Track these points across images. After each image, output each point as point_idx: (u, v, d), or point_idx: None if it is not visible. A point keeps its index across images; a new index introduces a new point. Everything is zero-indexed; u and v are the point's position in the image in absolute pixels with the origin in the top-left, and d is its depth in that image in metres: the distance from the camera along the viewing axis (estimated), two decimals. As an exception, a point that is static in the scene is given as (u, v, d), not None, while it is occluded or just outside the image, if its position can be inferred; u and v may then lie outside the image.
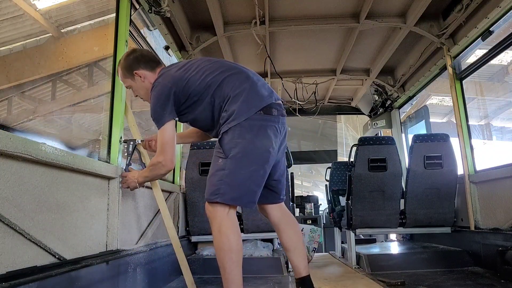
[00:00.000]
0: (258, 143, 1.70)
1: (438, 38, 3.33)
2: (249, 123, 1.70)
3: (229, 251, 1.65)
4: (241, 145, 1.68)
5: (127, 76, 1.93)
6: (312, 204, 6.95)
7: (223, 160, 1.69)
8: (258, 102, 1.74)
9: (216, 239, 1.68)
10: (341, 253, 4.25)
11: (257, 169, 1.71)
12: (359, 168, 3.24)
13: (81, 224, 1.67)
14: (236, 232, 1.69)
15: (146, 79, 1.91)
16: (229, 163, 1.68)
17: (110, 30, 2.26)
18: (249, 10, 3.14)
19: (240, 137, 1.68)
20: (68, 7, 4.71)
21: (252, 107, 1.71)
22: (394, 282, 2.47)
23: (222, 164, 1.69)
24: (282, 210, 2.00)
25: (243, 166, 1.68)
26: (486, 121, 8.72)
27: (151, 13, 2.55)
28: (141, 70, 1.90)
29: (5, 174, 1.22)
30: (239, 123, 1.69)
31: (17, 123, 6.16)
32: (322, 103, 5.27)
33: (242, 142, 1.68)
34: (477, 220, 3.02)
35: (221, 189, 1.66)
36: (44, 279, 1.31)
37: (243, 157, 1.68)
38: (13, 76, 5.25)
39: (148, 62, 1.93)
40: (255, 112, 1.71)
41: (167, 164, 1.82)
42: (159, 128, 1.80)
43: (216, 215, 1.68)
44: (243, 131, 1.69)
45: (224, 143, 1.71)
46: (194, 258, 3.13)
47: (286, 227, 1.95)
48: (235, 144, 1.68)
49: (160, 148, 1.81)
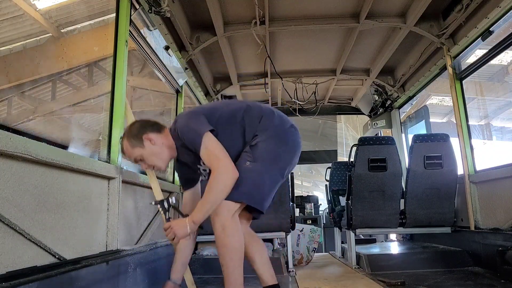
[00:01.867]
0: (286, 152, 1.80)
1: (438, 38, 3.33)
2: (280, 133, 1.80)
3: (232, 249, 1.66)
4: (273, 152, 1.75)
5: (135, 145, 1.81)
6: (312, 204, 6.96)
7: (252, 163, 1.71)
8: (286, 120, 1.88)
9: (220, 237, 1.67)
10: (341, 253, 4.25)
11: (279, 176, 1.80)
12: (359, 168, 3.24)
13: (81, 224, 1.67)
14: (239, 231, 1.71)
15: (156, 141, 1.82)
16: (258, 166, 1.71)
17: (110, 30, 2.26)
18: (249, 10, 3.14)
19: (273, 145, 1.76)
20: (68, 7, 4.71)
21: (285, 123, 1.85)
22: (394, 282, 2.47)
23: (250, 167, 1.71)
24: (247, 226, 2.01)
25: (272, 171, 1.75)
26: (486, 121, 8.72)
27: (151, 13, 2.55)
28: (149, 134, 1.82)
29: (5, 174, 1.22)
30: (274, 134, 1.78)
31: (17, 123, 6.16)
32: (322, 103, 5.27)
33: (274, 150, 1.75)
34: (477, 220, 3.02)
35: (248, 190, 1.68)
36: (44, 279, 1.31)
37: (272, 163, 1.74)
38: (13, 76, 5.25)
39: (154, 125, 1.87)
40: (289, 126, 1.84)
41: (229, 171, 1.64)
42: (200, 146, 1.67)
43: (221, 213, 1.66)
44: (277, 140, 1.77)
45: (256, 147, 1.75)
46: (194, 258, 3.13)
47: (252, 241, 1.95)
48: (270, 150, 1.75)
49: (214, 162, 1.66)
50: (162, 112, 7.98)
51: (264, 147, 1.74)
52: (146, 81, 6.36)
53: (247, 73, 4.42)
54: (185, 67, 3.56)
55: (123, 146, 1.86)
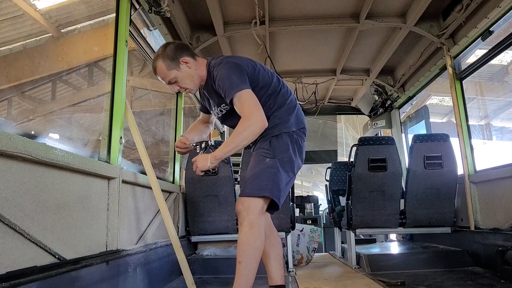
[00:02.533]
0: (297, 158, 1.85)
1: (438, 38, 3.33)
2: (296, 136, 1.86)
3: (254, 249, 1.67)
4: (289, 153, 1.81)
5: (171, 66, 1.82)
6: (312, 204, 6.96)
7: (271, 160, 1.77)
8: (303, 120, 1.93)
9: (246, 234, 1.67)
10: (341, 253, 4.25)
11: (292, 177, 1.85)
12: (359, 168, 3.24)
13: (81, 224, 1.67)
14: (263, 233, 1.73)
15: (191, 65, 1.86)
16: (277, 163, 1.76)
17: (110, 30, 2.26)
18: (249, 10, 3.14)
19: (290, 146, 1.82)
20: (68, 7, 4.71)
21: (300, 122, 1.90)
22: (394, 282, 2.47)
23: (271, 163, 1.76)
24: (269, 220, 2.04)
25: (286, 170, 1.79)
26: (486, 121, 8.72)
27: (151, 13, 2.55)
28: (186, 57, 1.85)
29: (5, 174, 1.22)
30: (290, 133, 1.83)
31: (17, 123, 6.16)
32: (322, 103, 5.27)
33: (290, 151, 1.81)
34: (477, 220, 3.02)
35: (269, 185, 1.71)
36: (44, 279, 1.31)
37: (288, 162, 1.80)
38: (13, 76, 5.25)
39: (189, 50, 1.91)
40: (300, 128, 1.89)
41: (260, 120, 1.68)
42: (234, 94, 1.69)
43: (252, 211, 1.69)
44: (293, 143, 1.84)
45: (275, 145, 1.81)
46: (194, 258, 3.13)
47: (271, 235, 1.98)
48: (286, 149, 1.80)
49: (247, 110, 1.68)
50: (162, 112, 7.99)
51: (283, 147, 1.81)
52: (146, 81, 6.36)
53: (247, 73, 4.42)
54: (185, 67, 3.56)
55: (157, 67, 1.85)
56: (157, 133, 8.96)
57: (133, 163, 2.68)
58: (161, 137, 8.82)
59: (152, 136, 9.04)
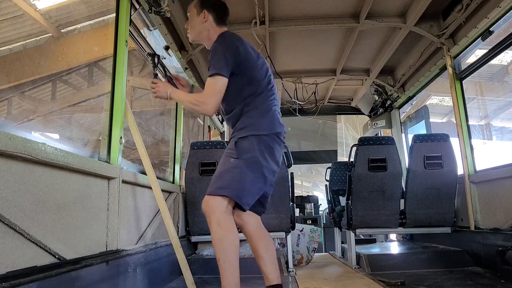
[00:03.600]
0: (267, 161, 1.83)
1: (438, 38, 3.33)
2: (266, 139, 1.84)
3: (228, 243, 1.71)
4: (255, 154, 1.80)
5: (196, 7, 1.98)
6: (312, 204, 6.96)
7: (235, 160, 1.80)
8: (278, 125, 1.91)
9: (216, 232, 1.73)
10: (341, 253, 4.25)
11: (260, 179, 1.83)
12: (359, 168, 3.24)
13: (81, 224, 1.67)
14: (235, 227, 1.77)
15: (207, 24, 1.97)
16: (241, 164, 1.78)
17: (110, 30, 2.26)
18: (249, 10, 3.14)
19: (257, 147, 1.81)
20: (68, 7, 4.71)
21: (273, 127, 1.88)
22: (394, 282, 2.47)
23: (234, 163, 1.79)
24: (259, 222, 2.04)
25: (252, 171, 1.79)
26: (486, 121, 8.72)
27: (151, 13, 2.55)
28: (209, 15, 1.96)
29: (5, 174, 1.22)
30: (259, 136, 1.83)
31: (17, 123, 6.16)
32: (322, 103, 5.27)
33: (257, 153, 1.81)
34: (477, 220, 3.02)
35: (231, 185, 1.75)
36: (44, 279, 1.31)
37: (254, 163, 1.80)
38: (13, 76, 5.25)
39: (219, 14, 2.00)
40: (273, 133, 1.87)
41: (210, 108, 1.82)
42: (213, 74, 1.79)
43: (216, 209, 1.74)
44: (261, 145, 1.82)
45: (240, 146, 1.83)
46: (194, 258, 3.13)
47: (262, 236, 1.98)
48: (250, 150, 1.81)
49: (210, 91, 1.80)
50: (162, 112, 7.99)
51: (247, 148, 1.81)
52: (146, 81, 6.36)
53: (247, 73, 4.42)
54: (185, 67, 3.56)
55: (193, 2, 2.02)
56: (157, 133, 8.96)
57: (133, 163, 2.68)
58: (161, 137, 8.82)
59: (152, 136, 9.04)
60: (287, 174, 3.19)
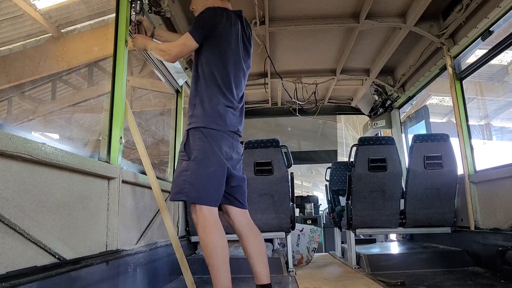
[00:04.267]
0: (215, 148, 1.84)
1: (438, 38, 3.33)
2: (209, 131, 1.85)
3: (214, 247, 1.74)
4: (201, 148, 1.82)
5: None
6: (312, 204, 6.96)
7: (186, 162, 1.83)
8: (229, 125, 1.90)
9: (202, 238, 1.77)
10: (341, 253, 4.25)
11: (216, 169, 1.84)
12: (359, 168, 3.24)
13: (81, 224, 1.67)
14: (219, 229, 1.80)
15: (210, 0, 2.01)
16: (192, 164, 1.81)
17: (110, 30, 2.26)
18: (249, 10, 3.14)
19: (200, 140, 1.83)
20: (68, 7, 4.72)
21: (221, 124, 1.87)
22: (394, 282, 2.47)
23: (185, 166, 1.83)
24: (247, 219, 2.05)
25: (204, 167, 1.81)
26: (486, 121, 8.72)
27: (151, 13, 2.55)
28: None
29: (5, 174, 1.22)
30: (202, 128, 1.84)
31: (17, 123, 6.16)
32: (322, 103, 5.27)
33: (202, 145, 1.82)
34: (477, 220, 3.02)
35: (185, 189, 1.79)
36: (44, 279, 1.31)
37: (203, 159, 1.82)
38: (13, 76, 5.25)
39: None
40: (218, 130, 1.86)
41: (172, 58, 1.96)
42: (189, 32, 1.90)
43: (200, 216, 1.78)
44: (202, 136, 1.83)
45: (186, 147, 1.86)
46: (194, 258, 3.13)
47: (251, 234, 1.99)
48: (195, 146, 1.83)
49: (179, 43, 1.93)
50: (162, 112, 7.99)
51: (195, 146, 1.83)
52: (146, 81, 6.37)
53: (247, 73, 4.42)
54: (185, 67, 3.56)
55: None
56: (157, 133, 8.96)
57: (133, 163, 2.68)
58: (161, 137, 8.82)
59: (152, 136, 9.04)
60: (287, 174, 3.18)
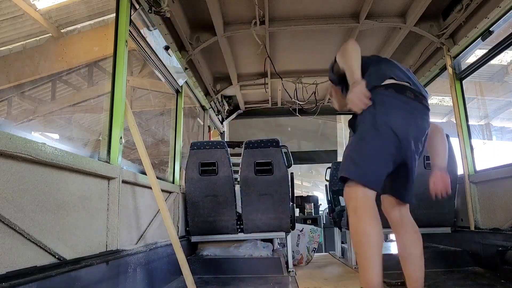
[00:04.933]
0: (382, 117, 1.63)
1: (438, 38, 3.33)
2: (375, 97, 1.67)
3: (364, 235, 1.53)
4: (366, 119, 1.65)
5: None
6: (312, 204, 6.96)
7: (352, 137, 1.68)
8: None
9: (352, 222, 1.57)
10: (341, 253, 4.25)
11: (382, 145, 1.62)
12: (359, 168, 3.23)
13: (81, 224, 1.67)
14: (373, 217, 1.58)
15: None
16: (355, 139, 1.65)
17: (110, 30, 2.26)
18: (249, 10, 3.14)
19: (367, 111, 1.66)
20: (68, 7, 4.71)
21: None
22: (394, 282, 2.47)
23: (351, 140, 1.67)
24: (402, 213, 1.88)
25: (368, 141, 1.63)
26: (486, 121, 8.72)
27: (151, 13, 2.55)
28: None
29: (5, 174, 1.22)
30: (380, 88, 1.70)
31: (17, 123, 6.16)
32: (322, 103, 5.27)
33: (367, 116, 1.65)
34: (477, 220, 3.02)
35: (349, 165, 1.61)
36: (44, 279, 1.31)
37: (367, 131, 1.63)
38: (13, 76, 5.25)
39: None
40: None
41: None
42: None
43: (351, 196, 1.60)
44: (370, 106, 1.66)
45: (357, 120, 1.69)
46: (194, 258, 3.13)
47: (402, 232, 1.84)
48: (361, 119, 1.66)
49: None
50: (162, 112, 7.99)
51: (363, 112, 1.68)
52: (146, 81, 6.37)
53: (247, 73, 4.42)
54: (185, 67, 3.56)
55: None
56: (157, 133, 8.96)
57: (133, 163, 2.68)
58: (161, 137, 8.82)
59: (152, 136, 9.04)
60: (287, 174, 3.18)
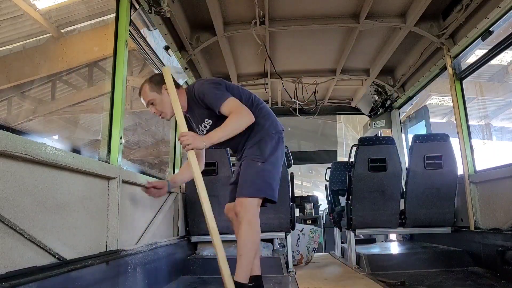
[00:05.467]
0: (281, 153, 2.11)
1: (438, 38, 3.33)
2: (279, 136, 2.09)
3: (254, 243, 1.92)
4: (276, 152, 2.05)
5: (154, 89, 2.06)
6: (312, 204, 6.95)
7: (262, 163, 1.99)
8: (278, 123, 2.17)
9: (245, 231, 1.90)
10: (341, 253, 4.25)
11: (279, 173, 2.10)
12: (359, 168, 3.24)
13: (81, 224, 1.67)
14: (259, 228, 1.97)
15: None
16: (268, 165, 2.00)
17: (110, 30, 2.26)
18: (249, 10, 3.14)
19: (276, 145, 2.05)
20: (68, 7, 4.72)
21: (279, 126, 2.14)
22: (394, 282, 2.47)
23: (262, 166, 1.99)
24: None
25: (277, 168, 2.06)
26: (486, 121, 8.73)
27: (151, 13, 2.55)
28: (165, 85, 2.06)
29: (5, 174, 1.22)
30: (276, 132, 2.07)
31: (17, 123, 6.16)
32: (322, 103, 5.27)
33: (277, 150, 2.05)
34: (477, 220, 3.02)
35: (264, 187, 1.98)
36: (44, 279, 1.31)
37: (276, 162, 2.05)
38: (13, 76, 5.25)
39: (174, 81, 2.08)
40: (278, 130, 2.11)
41: (248, 114, 1.94)
42: (221, 104, 1.92)
43: (249, 209, 1.92)
44: (278, 141, 2.07)
45: (263, 148, 2.01)
46: (194, 258, 3.13)
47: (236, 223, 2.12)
48: (272, 150, 2.03)
49: (236, 109, 1.92)
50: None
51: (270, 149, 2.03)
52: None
53: (247, 73, 4.42)
54: (185, 67, 3.56)
55: (142, 88, 2.09)
56: (157, 133, 8.97)
57: (133, 163, 2.68)
58: (161, 137, 8.82)
59: (152, 136, 9.04)
60: (287, 174, 3.18)
